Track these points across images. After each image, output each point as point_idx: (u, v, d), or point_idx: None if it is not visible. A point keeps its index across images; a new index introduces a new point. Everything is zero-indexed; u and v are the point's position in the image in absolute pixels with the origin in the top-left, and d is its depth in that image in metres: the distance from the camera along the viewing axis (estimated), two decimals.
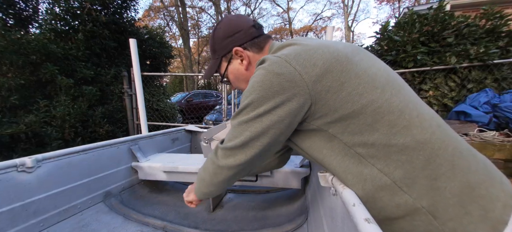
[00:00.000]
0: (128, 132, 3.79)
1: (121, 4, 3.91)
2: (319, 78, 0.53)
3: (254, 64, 0.73)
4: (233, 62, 0.75)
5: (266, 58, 0.58)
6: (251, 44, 0.72)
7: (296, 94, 0.53)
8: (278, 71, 0.53)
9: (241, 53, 0.72)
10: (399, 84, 0.58)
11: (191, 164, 1.40)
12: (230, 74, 0.78)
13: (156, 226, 1.13)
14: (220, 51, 0.75)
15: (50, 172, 1.05)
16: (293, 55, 0.55)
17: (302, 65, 0.53)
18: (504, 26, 3.10)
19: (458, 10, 4.97)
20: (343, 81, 0.53)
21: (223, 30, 0.73)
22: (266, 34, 0.76)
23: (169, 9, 18.78)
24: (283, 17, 25.39)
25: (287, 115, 0.55)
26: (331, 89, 0.53)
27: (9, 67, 2.85)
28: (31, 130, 2.69)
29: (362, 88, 0.53)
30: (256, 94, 0.55)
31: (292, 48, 0.59)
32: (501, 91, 2.90)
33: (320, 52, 0.55)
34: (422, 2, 13.40)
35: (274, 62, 0.55)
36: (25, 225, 0.94)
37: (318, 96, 0.53)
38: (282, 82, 0.53)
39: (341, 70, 0.53)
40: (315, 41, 0.61)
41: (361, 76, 0.54)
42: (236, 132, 0.61)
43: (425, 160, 0.50)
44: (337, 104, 0.53)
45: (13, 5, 3.11)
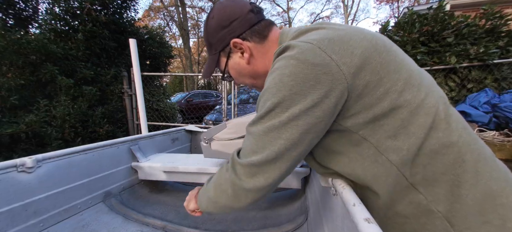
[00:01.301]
0: (128, 132, 3.79)
1: (121, 4, 3.91)
2: (357, 70, 0.44)
3: (257, 57, 0.63)
4: (233, 56, 0.65)
5: (292, 44, 0.47)
6: (251, 33, 0.61)
7: (333, 89, 0.44)
8: (313, 60, 0.43)
9: (240, 45, 0.62)
10: (429, 81, 0.52)
11: (191, 164, 1.40)
12: (231, 70, 0.68)
13: (156, 226, 1.13)
14: (216, 45, 0.64)
15: (50, 172, 1.05)
16: (327, 41, 0.46)
17: (339, 53, 0.44)
18: (504, 26, 3.10)
19: (458, 10, 4.97)
20: (382, 75, 0.45)
21: (216, 19, 0.62)
22: (268, 19, 0.65)
23: (169, 9, 18.78)
24: (283, 17, 25.40)
25: (326, 116, 0.46)
26: (369, 84, 0.45)
27: (9, 67, 2.85)
28: (31, 130, 2.69)
29: (401, 85, 0.46)
30: (287, 90, 0.44)
31: (321, 32, 0.49)
32: (501, 91, 2.91)
33: (357, 38, 0.47)
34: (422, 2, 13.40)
35: (307, 50, 0.44)
36: (25, 225, 0.94)
37: (355, 91, 0.45)
38: (318, 74, 0.43)
39: (380, 62, 0.46)
40: (344, 25, 0.52)
41: (400, 71, 0.47)
42: (264, 141, 0.47)
43: (449, 165, 0.46)
44: (373, 101, 0.46)
45: (13, 5, 3.11)
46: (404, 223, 0.51)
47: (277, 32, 0.64)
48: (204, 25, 0.67)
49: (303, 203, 1.27)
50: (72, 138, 3.08)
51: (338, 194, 0.58)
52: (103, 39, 3.57)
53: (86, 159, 1.22)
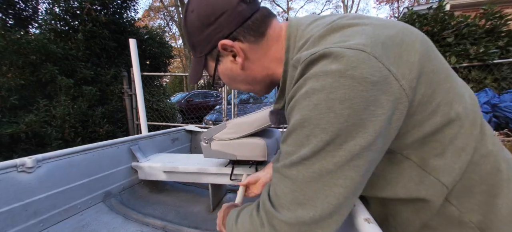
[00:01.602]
0: (128, 132, 3.79)
1: (121, 4, 3.91)
2: (416, 84, 0.36)
3: (253, 59, 0.50)
4: (223, 61, 0.52)
5: (335, 52, 0.34)
6: (244, 30, 0.47)
7: (395, 112, 0.35)
8: (372, 77, 0.32)
9: (231, 48, 0.48)
10: (466, 85, 0.46)
11: (191, 164, 1.40)
12: (223, 76, 0.55)
13: (156, 226, 1.13)
14: (201, 46, 0.51)
15: (50, 172, 1.05)
16: (380, 46, 0.34)
17: (396, 64, 0.34)
18: (504, 26, 3.10)
19: (458, 10, 4.97)
20: (434, 87, 0.38)
21: (198, 14, 0.48)
22: (264, 9, 0.50)
23: (169, 9, 18.78)
24: (283, 17, 25.42)
25: (386, 145, 0.37)
26: (422, 99, 0.37)
27: (9, 67, 2.85)
28: (31, 130, 2.70)
29: (452, 96, 0.39)
30: (341, 122, 0.32)
31: (366, 30, 0.37)
32: (501, 91, 2.91)
33: (409, 40, 0.37)
34: (422, 2, 13.41)
35: (362, 62, 0.32)
36: (25, 225, 0.94)
37: (410, 109, 0.36)
38: (377, 95, 0.33)
39: (433, 69, 0.38)
40: (381, 20, 0.42)
41: (449, 78, 0.40)
42: (313, 190, 0.35)
43: (486, 175, 0.41)
44: (424, 118, 0.38)
45: (13, 5, 3.11)
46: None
47: (278, 26, 0.51)
48: (183, 20, 0.52)
49: None
50: (72, 138, 3.08)
51: None
52: (103, 39, 3.57)
53: (86, 159, 1.22)
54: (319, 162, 0.34)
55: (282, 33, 0.50)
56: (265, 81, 0.55)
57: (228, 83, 0.58)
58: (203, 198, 1.50)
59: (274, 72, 0.52)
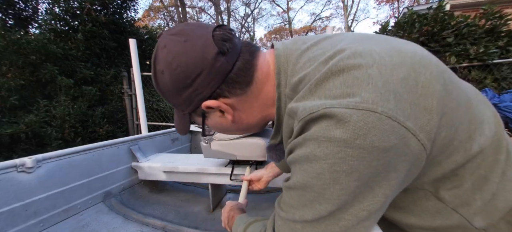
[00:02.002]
0: (128, 132, 3.79)
1: (121, 4, 3.91)
2: (436, 131, 0.31)
3: (244, 109, 0.45)
4: (210, 117, 0.47)
5: (337, 114, 0.29)
6: (228, 85, 0.41)
7: (411, 167, 0.32)
8: (385, 144, 0.28)
9: (217, 107, 0.43)
10: (482, 98, 0.41)
11: (191, 164, 1.40)
12: (213, 128, 0.51)
13: (156, 226, 1.13)
14: (182, 106, 0.45)
15: (50, 172, 1.05)
16: (393, 98, 0.29)
17: (413, 116, 0.30)
18: (504, 25, 3.10)
19: (458, 10, 4.97)
20: (457, 125, 0.33)
21: (169, 76, 0.40)
22: (246, 47, 0.43)
23: (169, 9, 18.78)
24: (283, 17, 25.42)
25: (396, 195, 0.35)
26: (444, 143, 0.33)
27: (9, 67, 2.85)
28: (31, 130, 2.70)
29: (474, 128, 0.35)
30: (348, 194, 0.31)
31: (370, 74, 0.31)
32: (501, 91, 2.91)
33: (424, 80, 0.32)
34: (422, 2, 13.42)
35: (370, 126, 0.28)
36: (25, 225, 0.94)
37: (429, 156, 0.33)
38: (392, 160, 0.30)
39: (453, 107, 0.33)
40: (387, 49, 0.35)
41: (471, 109, 0.36)
42: None
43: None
44: (444, 157, 0.34)
45: (13, 5, 3.11)
46: None
47: (265, 64, 0.44)
48: (154, 80, 0.44)
49: None
50: (72, 138, 3.08)
51: None
52: (103, 39, 3.57)
53: (86, 159, 1.22)
54: (324, 226, 0.33)
55: (270, 69, 0.44)
56: (260, 124, 0.51)
57: (221, 132, 0.53)
58: (203, 198, 1.50)
59: (268, 113, 0.47)
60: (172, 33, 0.41)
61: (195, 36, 0.39)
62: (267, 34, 26.03)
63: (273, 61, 0.43)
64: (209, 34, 0.39)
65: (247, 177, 0.87)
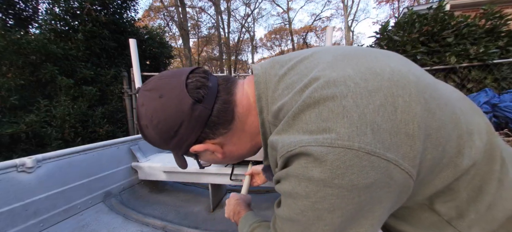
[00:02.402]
0: (128, 132, 3.79)
1: (121, 4, 3.91)
2: (420, 156, 0.31)
3: (232, 142, 0.46)
4: (202, 155, 0.49)
5: (313, 153, 0.29)
6: (211, 129, 0.43)
7: (399, 195, 0.32)
8: (365, 181, 0.29)
9: (204, 149, 0.45)
10: (473, 107, 0.41)
11: (191, 164, 1.40)
12: (208, 162, 0.54)
13: (156, 226, 1.13)
14: (173, 151, 0.47)
15: (50, 172, 1.05)
16: (370, 131, 0.29)
17: (394, 146, 0.29)
18: (504, 25, 3.11)
19: (458, 10, 4.97)
20: (443, 143, 0.33)
21: (154, 131, 0.42)
22: (221, 88, 0.44)
23: (169, 9, 18.78)
24: (283, 17, 25.43)
25: (383, 221, 0.35)
26: (432, 163, 0.33)
27: (9, 67, 2.85)
28: (31, 130, 2.70)
29: (463, 143, 0.34)
30: (333, 228, 0.32)
31: (345, 107, 0.30)
32: (501, 91, 2.91)
33: (402, 104, 0.31)
34: (422, 2, 13.41)
35: (348, 165, 0.28)
36: (25, 225, 0.95)
37: (416, 179, 0.33)
38: (375, 195, 0.30)
39: (438, 127, 0.32)
40: (361, 73, 0.34)
41: (458, 124, 0.35)
42: None
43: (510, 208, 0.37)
44: (433, 176, 0.34)
45: (13, 5, 3.11)
46: None
47: (245, 95, 0.45)
48: (141, 133, 0.46)
49: None
50: (72, 138, 3.08)
51: None
52: (103, 39, 3.57)
53: (86, 159, 1.22)
54: None
55: (250, 100, 0.44)
56: (252, 150, 0.52)
57: (217, 163, 0.55)
58: (203, 198, 1.51)
59: (257, 141, 0.48)
60: (147, 89, 0.42)
61: (169, 90, 0.40)
62: (267, 34, 26.06)
63: (252, 91, 0.44)
64: (182, 85, 0.40)
65: (249, 171, 0.91)
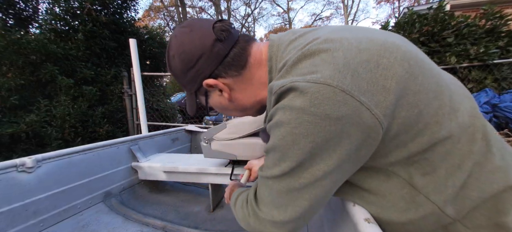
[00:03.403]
0: (128, 132, 3.79)
1: (121, 4, 3.91)
2: (393, 109, 0.35)
3: (239, 90, 0.52)
4: (211, 95, 0.55)
5: (299, 87, 0.35)
6: (224, 67, 0.49)
7: (366, 140, 0.36)
8: (337, 113, 0.33)
9: (215, 85, 0.51)
10: (462, 90, 0.44)
11: (191, 164, 1.40)
12: (215, 107, 0.59)
13: (156, 226, 1.13)
14: (189, 86, 0.54)
15: (50, 172, 1.05)
16: (350, 76, 0.34)
17: (369, 92, 0.34)
18: (504, 26, 3.10)
19: (458, 10, 4.97)
20: (421, 107, 0.36)
21: (178, 59, 0.50)
22: (241, 37, 0.51)
23: (169, 9, 18.78)
24: (283, 17, 25.42)
25: (356, 165, 0.40)
26: (405, 122, 0.36)
27: (9, 67, 2.85)
28: (31, 130, 2.70)
29: (442, 114, 0.37)
30: (305, 154, 0.36)
31: (334, 57, 0.36)
32: (501, 91, 2.91)
33: (386, 63, 0.36)
34: (422, 2, 13.41)
35: (325, 98, 0.33)
36: (25, 225, 0.94)
37: (389, 133, 0.37)
38: (345, 128, 0.34)
39: (418, 90, 0.36)
40: (359, 35, 0.40)
41: (441, 95, 0.38)
42: (285, 200, 0.41)
43: (496, 193, 0.39)
44: (409, 138, 0.38)
45: (13, 5, 3.11)
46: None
47: (259, 50, 0.51)
48: (167, 64, 0.55)
49: None
50: (72, 138, 3.08)
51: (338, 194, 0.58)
52: (103, 39, 3.57)
53: (86, 159, 1.22)
54: (288, 181, 0.40)
55: (263, 56, 0.51)
56: (255, 107, 0.57)
57: (222, 111, 0.61)
58: (203, 198, 1.50)
59: (262, 97, 0.53)
60: (182, 26, 0.51)
61: (198, 28, 0.49)
62: (267, 34, 26.05)
63: (266, 51, 0.50)
64: (210, 26, 0.49)
65: (248, 165, 0.94)
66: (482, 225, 0.40)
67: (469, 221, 0.40)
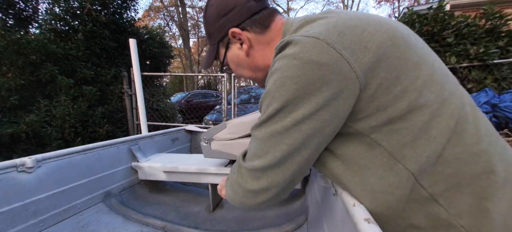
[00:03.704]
0: (128, 132, 3.79)
1: (121, 4, 3.91)
2: (372, 66, 0.39)
3: (257, 48, 0.59)
4: (232, 47, 0.61)
5: (294, 40, 0.41)
6: (251, 22, 0.57)
7: (344, 90, 0.40)
8: (319, 60, 0.38)
9: (239, 35, 0.58)
10: (454, 80, 0.47)
11: (191, 164, 1.40)
12: (230, 62, 0.64)
13: (156, 226, 1.13)
14: (215, 34, 0.61)
15: (50, 172, 1.05)
16: (336, 34, 0.40)
17: (350, 48, 0.39)
18: (504, 26, 3.10)
19: (458, 10, 4.97)
20: (400, 72, 0.40)
21: (215, 7, 0.58)
22: (271, 7, 0.60)
23: (169, 9, 18.78)
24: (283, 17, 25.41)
25: (334, 118, 0.42)
26: (384, 83, 0.40)
27: (9, 67, 2.85)
28: (31, 130, 2.69)
29: (422, 82, 0.41)
30: (289, 95, 0.41)
31: (329, 22, 0.43)
32: (501, 91, 2.91)
33: (371, 30, 0.41)
34: (422, 2, 13.40)
35: (312, 47, 0.39)
36: (24, 225, 0.94)
37: (367, 91, 0.41)
38: (325, 75, 0.38)
39: (398, 56, 0.41)
40: (357, 13, 0.46)
41: (421, 67, 0.42)
42: (266, 146, 0.45)
43: (476, 175, 0.41)
44: (388, 102, 0.41)
45: (13, 5, 3.11)
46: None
47: (281, 22, 0.59)
48: (204, 13, 0.62)
49: (303, 203, 1.27)
50: (72, 138, 3.08)
51: (338, 194, 0.58)
52: (103, 39, 3.57)
53: (86, 159, 1.22)
54: (272, 126, 0.44)
55: (280, 29, 0.58)
56: (265, 71, 0.62)
57: (234, 69, 0.66)
58: (203, 198, 1.50)
59: None
60: None
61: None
62: None
63: (283, 23, 0.59)
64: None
65: None
66: (464, 210, 0.41)
67: (451, 206, 0.42)
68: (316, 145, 0.44)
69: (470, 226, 0.41)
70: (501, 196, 0.41)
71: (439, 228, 0.43)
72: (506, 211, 0.41)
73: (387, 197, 0.44)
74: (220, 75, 3.53)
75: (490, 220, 0.40)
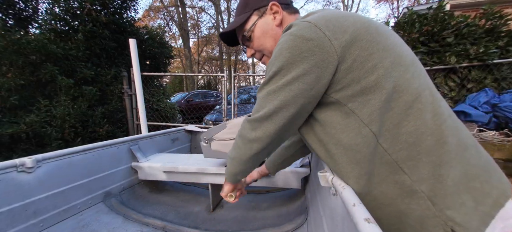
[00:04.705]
0: (128, 132, 3.79)
1: (121, 4, 3.90)
2: (348, 45, 0.51)
3: (284, 25, 0.71)
4: (265, 17, 0.72)
5: (294, 23, 0.56)
6: (287, 5, 0.72)
7: (324, 60, 0.52)
8: (308, 36, 0.52)
9: (276, 9, 0.71)
10: (420, 69, 0.58)
11: (191, 164, 1.40)
12: (258, 29, 0.73)
13: (156, 226, 1.13)
14: (254, 3, 0.72)
15: (50, 172, 1.05)
16: (324, 21, 0.53)
17: (332, 30, 0.52)
18: (504, 25, 3.10)
19: (458, 10, 4.97)
20: (371, 51, 0.51)
21: None
22: None
23: (169, 9, 18.77)
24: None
25: (316, 83, 0.53)
26: (357, 59, 0.51)
27: (9, 67, 2.85)
28: (31, 130, 2.69)
29: (388, 62, 0.52)
30: (284, 60, 0.54)
31: (322, 14, 0.57)
32: (501, 91, 2.91)
33: (351, 20, 0.54)
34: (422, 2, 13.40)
35: (304, 27, 0.53)
36: (24, 225, 0.94)
37: (344, 64, 0.52)
38: (311, 47, 0.51)
39: (370, 40, 0.52)
40: (347, 12, 0.60)
41: (389, 50, 0.53)
42: (264, 102, 0.58)
43: (432, 146, 0.51)
44: (361, 75, 0.52)
45: (13, 5, 3.11)
46: (389, 205, 0.55)
47: (298, 13, 0.77)
48: None
49: (303, 203, 1.27)
50: (72, 138, 3.08)
51: (338, 194, 0.58)
52: (103, 39, 3.57)
53: (86, 159, 1.22)
54: (270, 86, 0.57)
55: (296, 18, 0.73)
56: None
57: (258, 36, 0.75)
58: (203, 198, 1.51)
59: None
60: None
61: None
62: None
63: (296, 17, 0.74)
64: None
65: None
66: (424, 177, 0.51)
67: (414, 173, 0.51)
68: (301, 104, 0.56)
69: (428, 191, 0.50)
70: (454, 166, 0.50)
71: (405, 196, 0.52)
72: (458, 179, 0.50)
73: (356, 154, 0.55)
74: (220, 75, 3.53)
75: (444, 185, 0.50)
